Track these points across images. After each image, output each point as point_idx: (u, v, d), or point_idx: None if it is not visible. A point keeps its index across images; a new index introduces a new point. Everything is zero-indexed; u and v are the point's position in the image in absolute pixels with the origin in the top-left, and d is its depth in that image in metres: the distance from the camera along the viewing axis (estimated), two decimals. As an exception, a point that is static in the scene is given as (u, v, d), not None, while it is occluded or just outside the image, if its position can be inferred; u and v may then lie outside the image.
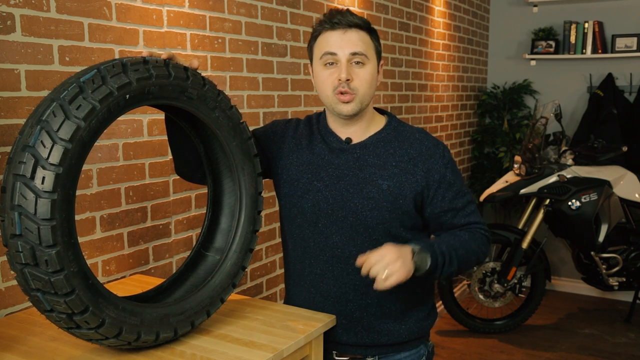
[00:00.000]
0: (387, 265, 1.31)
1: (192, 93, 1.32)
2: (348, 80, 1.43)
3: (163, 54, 1.30)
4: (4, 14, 1.48)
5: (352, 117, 1.49)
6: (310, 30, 2.65)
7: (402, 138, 1.52)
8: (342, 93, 1.44)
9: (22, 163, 1.05)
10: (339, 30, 1.44)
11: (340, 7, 1.50)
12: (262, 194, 1.52)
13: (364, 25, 1.46)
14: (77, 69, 1.67)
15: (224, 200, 1.51)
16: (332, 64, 1.44)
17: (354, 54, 1.43)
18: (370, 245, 1.49)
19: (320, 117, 1.60)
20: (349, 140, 1.52)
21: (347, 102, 1.44)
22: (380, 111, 1.60)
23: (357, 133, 1.53)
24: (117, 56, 1.79)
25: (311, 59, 1.52)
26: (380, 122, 1.56)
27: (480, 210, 4.97)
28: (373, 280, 1.51)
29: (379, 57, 1.50)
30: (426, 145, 1.51)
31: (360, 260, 1.35)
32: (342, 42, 1.43)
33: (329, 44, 1.44)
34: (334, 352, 1.57)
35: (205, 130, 1.46)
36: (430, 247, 1.40)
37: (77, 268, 1.10)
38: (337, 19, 1.44)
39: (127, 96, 1.17)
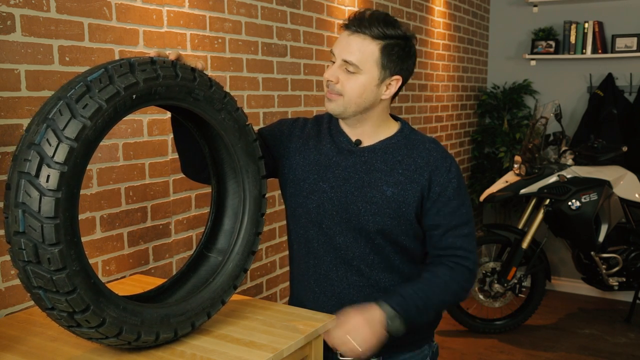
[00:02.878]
0: (356, 337, 1.36)
1: (199, 94, 1.31)
2: (334, 81, 1.42)
3: (171, 54, 1.29)
4: (4, 14, 1.48)
5: (347, 118, 1.48)
6: (310, 30, 2.67)
7: (411, 146, 1.50)
8: (328, 91, 1.45)
9: (28, 161, 1.06)
10: (347, 31, 1.42)
11: (372, 9, 1.46)
12: (265, 196, 1.52)
13: (376, 35, 1.39)
14: (77, 68, 1.67)
15: (227, 202, 1.51)
16: (334, 62, 1.44)
17: (345, 61, 1.40)
18: (373, 248, 1.49)
19: (333, 117, 1.59)
20: (358, 142, 1.51)
21: (331, 101, 1.45)
22: (396, 118, 1.58)
23: (365, 135, 1.51)
24: (117, 56, 1.79)
25: None
26: (392, 128, 1.53)
27: (480, 211, 4.98)
28: (377, 281, 1.51)
29: (385, 71, 1.43)
30: (434, 156, 1.49)
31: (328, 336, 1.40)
32: (341, 45, 1.42)
33: (335, 43, 1.44)
34: (339, 352, 1.57)
35: (210, 131, 1.45)
36: (405, 306, 1.40)
37: (79, 267, 1.10)
38: (352, 20, 1.41)
39: (134, 96, 1.17)
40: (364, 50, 1.39)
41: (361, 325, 1.36)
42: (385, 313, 1.38)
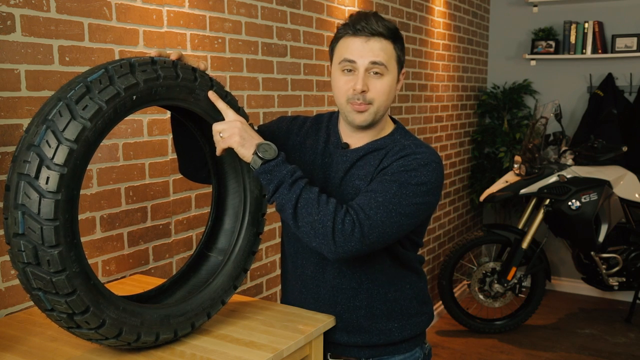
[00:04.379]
0: (226, 130, 1.32)
1: (200, 94, 1.31)
2: (364, 91, 1.39)
3: (172, 54, 1.29)
4: (4, 14, 1.48)
5: (370, 126, 1.46)
6: (310, 30, 2.66)
7: (395, 149, 1.45)
8: (356, 104, 1.41)
9: (27, 162, 1.05)
10: (361, 37, 1.39)
11: (367, 11, 1.44)
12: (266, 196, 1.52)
13: (388, 34, 1.40)
14: (77, 68, 1.67)
15: (228, 201, 1.51)
16: (351, 70, 1.41)
17: (374, 63, 1.38)
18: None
19: (333, 116, 1.58)
20: (345, 145, 1.51)
21: (361, 112, 1.41)
22: (394, 120, 1.56)
23: (362, 139, 1.50)
24: (117, 56, 1.79)
25: (331, 60, 1.49)
26: (386, 131, 1.52)
27: (480, 211, 4.98)
28: (359, 283, 1.50)
29: (400, 66, 1.45)
30: (403, 143, 1.44)
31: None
32: (362, 51, 1.38)
33: (349, 51, 1.40)
34: (328, 353, 1.57)
35: (211, 130, 1.45)
36: (284, 159, 1.33)
37: (78, 268, 1.10)
38: (361, 26, 1.38)
39: (134, 97, 1.16)
40: (386, 50, 1.40)
41: (238, 131, 1.32)
42: (260, 146, 1.32)
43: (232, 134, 1.32)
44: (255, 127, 1.53)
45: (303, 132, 1.58)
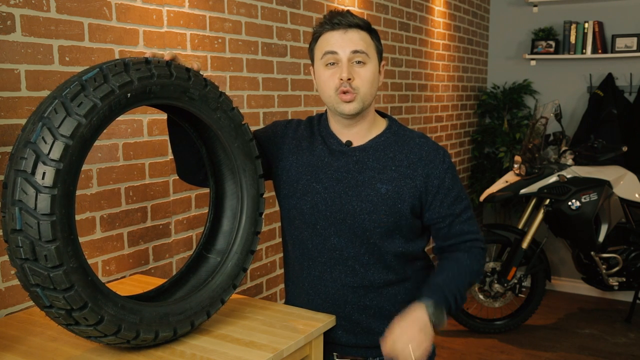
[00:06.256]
0: (411, 342, 1.33)
1: (194, 93, 1.32)
2: (350, 79, 1.43)
3: (166, 54, 1.30)
4: (4, 14, 1.49)
5: (354, 117, 1.49)
6: (310, 30, 2.66)
7: (402, 142, 1.52)
8: (344, 92, 1.43)
9: (24, 159, 1.06)
10: (339, 30, 1.44)
11: (340, 7, 1.50)
12: (263, 195, 1.52)
13: (364, 26, 1.46)
14: (77, 69, 1.67)
15: (225, 202, 1.51)
16: (334, 64, 1.45)
17: (355, 52, 1.43)
18: (368, 248, 1.49)
19: (322, 118, 1.60)
20: (349, 143, 1.52)
21: (349, 102, 1.44)
22: (382, 114, 1.60)
23: (358, 135, 1.52)
24: (117, 56, 1.79)
25: (312, 60, 1.53)
26: (381, 126, 1.55)
27: (480, 211, 4.98)
28: (371, 282, 1.51)
29: (380, 57, 1.50)
30: (426, 150, 1.51)
31: (384, 349, 1.37)
32: (342, 42, 1.43)
33: (329, 44, 1.45)
34: (335, 353, 1.57)
35: (207, 131, 1.46)
36: (441, 294, 1.42)
37: (76, 264, 1.10)
38: (338, 20, 1.44)
39: (129, 95, 1.18)
40: (365, 40, 1.46)
41: (417, 335, 1.34)
42: (427, 307, 1.38)
43: (420, 342, 1.33)
44: (253, 130, 1.53)
45: (298, 135, 1.59)
